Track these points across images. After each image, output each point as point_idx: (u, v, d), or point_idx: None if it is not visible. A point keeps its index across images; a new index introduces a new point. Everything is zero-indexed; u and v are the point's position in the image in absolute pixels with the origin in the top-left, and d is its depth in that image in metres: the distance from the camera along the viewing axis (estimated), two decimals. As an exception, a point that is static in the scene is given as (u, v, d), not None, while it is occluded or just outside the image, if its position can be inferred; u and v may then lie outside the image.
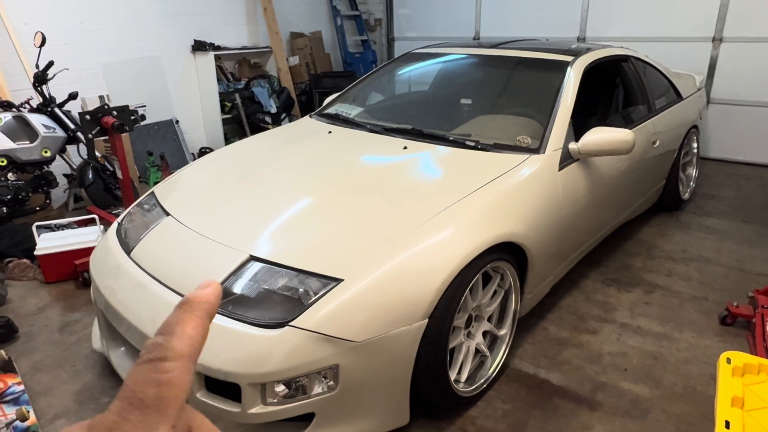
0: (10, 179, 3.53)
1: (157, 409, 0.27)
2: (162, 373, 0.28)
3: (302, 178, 2.33)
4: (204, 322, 0.32)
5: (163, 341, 0.29)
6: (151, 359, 0.28)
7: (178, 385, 0.28)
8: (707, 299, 2.85)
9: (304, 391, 1.63)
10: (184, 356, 0.29)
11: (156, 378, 0.27)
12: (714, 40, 5.13)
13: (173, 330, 0.30)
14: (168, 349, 0.29)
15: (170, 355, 0.29)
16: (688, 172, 4.15)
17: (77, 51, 4.48)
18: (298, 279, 1.73)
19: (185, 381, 0.28)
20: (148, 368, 0.28)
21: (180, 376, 0.28)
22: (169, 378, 0.28)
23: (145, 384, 0.27)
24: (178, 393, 0.28)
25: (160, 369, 0.28)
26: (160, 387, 0.27)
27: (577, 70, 2.80)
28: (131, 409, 0.26)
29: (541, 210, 2.24)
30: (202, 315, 0.32)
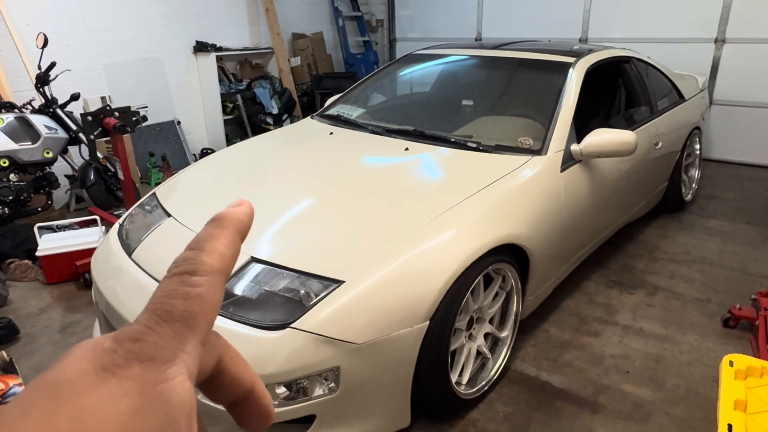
0: (12, 180, 3.54)
1: (186, 323, 0.25)
2: (191, 287, 0.26)
3: (304, 180, 2.33)
4: (235, 239, 0.30)
5: (192, 255, 0.28)
6: (181, 272, 0.27)
7: (208, 300, 0.26)
8: (710, 301, 2.84)
9: (305, 393, 1.62)
10: (214, 271, 0.27)
11: (185, 291, 0.26)
12: (717, 41, 5.12)
13: (203, 245, 0.28)
14: (198, 263, 0.27)
15: (200, 269, 0.27)
16: (691, 174, 4.14)
17: (79, 52, 4.49)
18: (300, 280, 1.72)
19: (215, 297, 0.27)
20: (178, 281, 0.26)
21: (210, 291, 0.27)
22: (199, 292, 0.26)
23: (174, 296, 0.26)
24: (209, 309, 0.26)
25: (190, 282, 0.26)
26: (190, 300, 0.26)
27: (579, 72, 2.79)
28: (159, 321, 0.25)
29: (542, 212, 2.23)
30: (234, 232, 0.30)
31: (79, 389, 0.22)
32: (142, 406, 0.22)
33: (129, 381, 0.23)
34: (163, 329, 0.25)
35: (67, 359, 0.24)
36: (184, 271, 0.27)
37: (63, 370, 0.23)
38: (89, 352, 0.24)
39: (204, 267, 0.27)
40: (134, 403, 0.22)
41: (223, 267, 0.28)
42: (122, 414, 0.22)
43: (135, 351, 0.24)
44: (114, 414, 0.22)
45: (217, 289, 0.27)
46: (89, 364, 0.23)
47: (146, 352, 0.24)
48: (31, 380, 1.94)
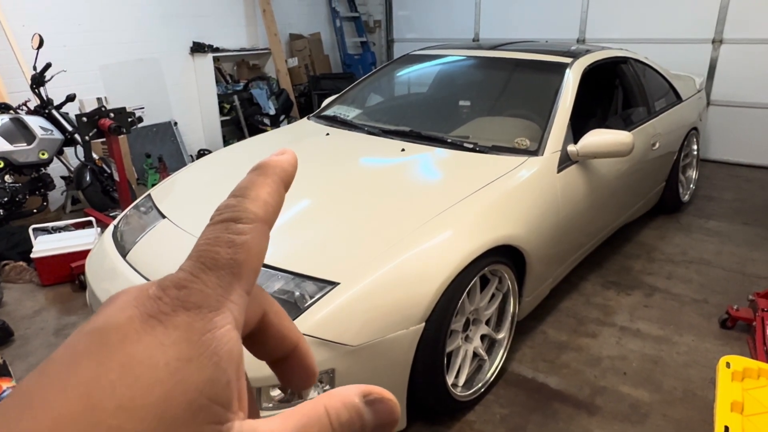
0: (7, 181, 3.52)
1: (231, 271, 0.24)
2: (236, 234, 0.25)
3: (299, 181, 2.31)
4: (279, 187, 0.29)
5: (236, 202, 0.27)
6: (225, 219, 0.26)
7: (254, 248, 0.25)
8: (707, 302, 2.83)
9: (300, 396, 1.61)
10: (258, 219, 0.26)
11: (230, 238, 0.25)
12: (714, 42, 5.12)
13: (247, 193, 0.27)
14: (242, 209, 0.26)
15: (245, 216, 0.26)
16: (688, 174, 4.14)
17: (76, 53, 4.47)
18: (294, 282, 1.71)
19: (261, 246, 0.26)
20: (222, 228, 0.25)
21: (255, 239, 0.26)
22: (244, 240, 0.25)
23: (219, 243, 0.25)
24: (254, 258, 0.25)
25: (234, 230, 0.25)
26: (235, 248, 0.25)
27: (576, 72, 2.79)
28: (204, 269, 0.24)
29: (539, 212, 2.22)
30: (277, 180, 0.29)
31: (127, 336, 0.22)
32: (192, 354, 0.22)
33: (176, 329, 0.22)
34: (208, 277, 0.24)
35: (113, 306, 0.23)
36: (229, 218, 0.26)
37: (110, 316, 0.23)
38: (135, 300, 0.23)
39: (248, 214, 0.26)
40: (183, 352, 0.22)
41: (267, 215, 0.27)
42: (172, 362, 0.21)
43: (181, 298, 0.23)
44: (164, 362, 0.21)
45: (262, 238, 0.26)
46: (135, 310, 0.23)
47: (192, 300, 0.23)
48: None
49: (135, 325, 0.22)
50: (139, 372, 0.21)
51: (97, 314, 0.23)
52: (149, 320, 0.22)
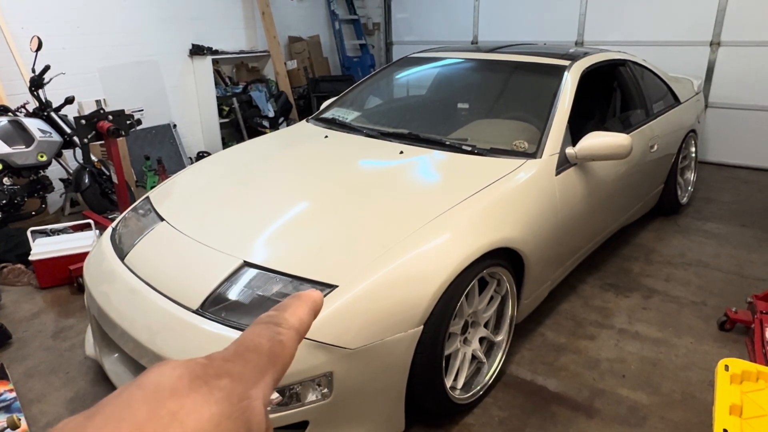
0: (5, 184, 3.52)
1: (270, 359, 0.29)
2: (277, 333, 0.31)
3: (298, 183, 2.32)
4: (311, 312, 0.34)
5: (277, 314, 0.33)
6: (268, 322, 0.32)
7: (288, 349, 0.30)
8: (706, 304, 2.83)
9: (298, 399, 1.61)
10: (294, 328, 0.32)
11: (272, 333, 0.30)
12: (712, 44, 5.13)
13: (286, 309, 0.33)
14: (283, 319, 0.32)
15: (284, 323, 0.32)
16: (687, 177, 4.15)
17: (74, 55, 4.47)
18: (293, 285, 1.71)
19: (293, 349, 0.31)
20: (265, 327, 0.31)
21: (290, 341, 0.31)
22: (282, 339, 0.30)
23: (263, 336, 0.30)
24: (287, 356, 0.30)
25: (275, 330, 0.31)
26: (275, 343, 0.30)
27: (575, 75, 2.79)
28: (248, 351, 0.28)
29: (537, 215, 2.23)
30: (311, 305, 0.35)
31: (177, 390, 0.25)
32: (231, 413, 0.25)
33: (220, 391, 0.26)
34: (251, 358, 0.28)
35: (163, 366, 0.26)
36: (271, 321, 0.32)
37: (161, 374, 0.26)
38: (184, 363, 0.27)
39: (287, 322, 0.32)
40: (225, 409, 0.25)
41: (300, 327, 0.33)
42: (215, 416, 0.25)
43: (226, 368, 0.27)
44: (208, 415, 0.25)
45: (294, 343, 0.32)
46: (185, 371, 0.26)
47: (235, 371, 0.27)
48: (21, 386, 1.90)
49: (184, 382, 0.25)
50: (187, 421, 0.24)
51: (147, 372, 0.26)
52: (197, 380, 0.26)
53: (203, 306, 1.71)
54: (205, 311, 1.70)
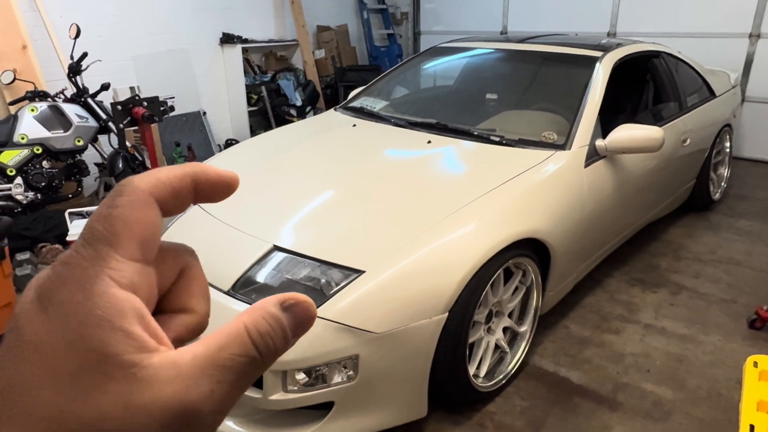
0: (44, 167, 3.65)
1: (108, 243, 0.26)
2: (112, 208, 0.27)
3: (326, 171, 2.35)
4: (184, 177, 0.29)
5: (125, 180, 0.28)
6: (108, 196, 0.28)
7: (130, 218, 0.27)
8: (736, 302, 2.78)
9: (324, 380, 1.65)
10: (139, 191, 0.27)
11: (105, 212, 0.27)
12: (751, 36, 4.97)
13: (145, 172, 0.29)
14: (125, 184, 0.28)
15: (125, 189, 0.27)
16: (720, 172, 4.05)
17: (110, 43, 4.59)
18: (321, 269, 1.75)
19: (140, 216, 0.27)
20: (104, 203, 0.27)
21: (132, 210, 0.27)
22: (119, 212, 0.26)
23: (97, 219, 0.27)
24: (133, 227, 0.27)
25: (112, 203, 0.27)
26: (109, 221, 0.26)
27: (606, 66, 2.75)
28: (84, 244, 0.26)
29: (565, 207, 2.22)
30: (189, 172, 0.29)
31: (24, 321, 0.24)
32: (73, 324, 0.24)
33: (61, 306, 0.24)
34: (87, 250, 0.26)
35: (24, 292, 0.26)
36: (111, 193, 0.28)
37: (22, 300, 0.25)
38: (34, 282, 0.26)
39: (130, 188, 0.27)
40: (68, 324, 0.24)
41: (152, 188, 0.28)
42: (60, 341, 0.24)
43: (63, 276, 0.25)
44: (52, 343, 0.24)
45: (142, 208, 0.27)
46: (34, 293, 0.25)
47: (73, 276, 0.25)
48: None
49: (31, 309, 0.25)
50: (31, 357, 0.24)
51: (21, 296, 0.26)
52: (42, 299, 0.25)
53: (234, 287, 1.76)
54: (236, 292, 1.75)
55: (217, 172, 0.31)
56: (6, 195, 3.51)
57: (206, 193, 0.30)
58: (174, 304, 0.31)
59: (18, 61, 3.89)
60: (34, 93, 3.73)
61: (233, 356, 0.25)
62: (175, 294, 0.32)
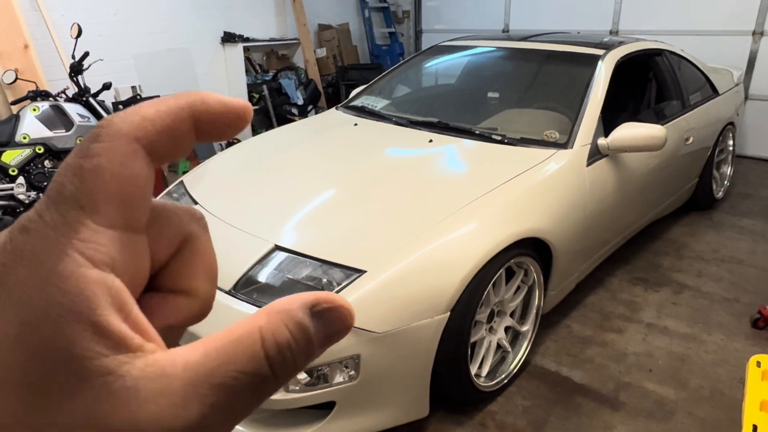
0: (46, 167, 3.65)
1: (78, 204, 0.20)
2: (85, 158, 0.20)
3: (328, 170, 2.35)
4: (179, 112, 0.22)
5: (102, 120, 0.21)
6: (81, 143, 0.21)
7: (108, 172, 0.20)
8: (738, 301, 2.77)
9: (325, 380, 1.65)
10: (122, 135, 0.21)
11: (77, 163, 0.20)
12: (754, 34, 4.95)
13: (128, 109, 0.22)
14: (104, 125, 0.21)
15: (103, 133, 0.21)
16: (723, 171, 4.03)
17: (111, 42, 4.59)
18: (322, 269, 1.75)
19: (123, 168, 0.20)
20: (75, 152, 0.21)
21: (112, 160, 0.20)
22: (95, 163, 0.20)
23: (63, 174, 0.20)
24: (112, 183, 0.20)
25: (86, 152, 0.20)
26: (82, 174, 0.20)
27: (609, 64, 2.74)
28: (49, 204, 0.20)
29: (567, 206, 2.21)
30: (184, 106, 0.22)
31: None
32: (33, 317, 0.18)
33: (13, 290, 0.19)
34: (51, 214, 0.20)
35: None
36: (86, 138, 0.21)
37: None
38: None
39: (108, 131, 0.21)
40: (21, 318, 0.18)
41: (139, 132, 0.21)
42: (10, 337, 0.18)
43: (20, 247, 0.19)
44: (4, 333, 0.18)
45: (125, 157, 0.21)
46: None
47: (30, 249, 0.19)
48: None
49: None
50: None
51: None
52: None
53: (235, 287, 1.76)
54: (237, 292, 1.75)
55: (219, 99, 0.23)
56: (8, 195, 3.52)
57: (210, 129, 0.23)
58: (170, 282, 0.25)
59: (19, 60, 3.89)
60: (35, 93, 3.73)
61: (238, 373, 0.19)
62: (172, 270, 0.25)
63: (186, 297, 0.25)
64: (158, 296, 0.25)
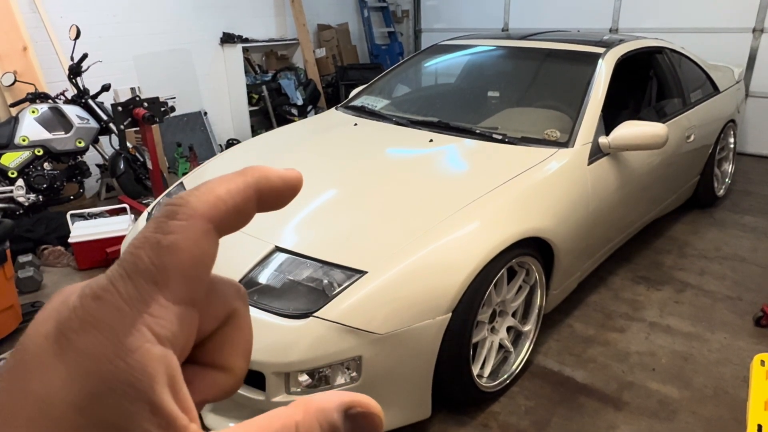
0: (45, 169, 3.65)
1: (153, 279, 0.20)
2: (163, 234, 0.21)
3: (328, 170, 2.34)
4: (247, 190, 0.23)
5: (179, 198, 0.22)
6: (158, 218, 0.22)
7: (185, 250, 0.21)
8: (741, 299, 2.76)
9: (327, 382, 1.64)
10: (198, 215, 0.22)
11: (156, 239, 0.21)
12: (755, 31, 4.94)
13: (201, 187, 0.23)
14: (180, 204, 0.22)
15: (181, 212, 0.21)
16: (724, 168, 4.02)
17: (110, 44, 4.58)
18: (323, 270, 1.74)
19: (196, 247, 0.21)
20: (152, 226, 0.21)
21: (188, 239, 0.21)
22: (172, 240, 0.21)
23: (143, 245, 0.21)
24: (186, 261, 0.21)
25: (164, 229, 0.21)
26: (158, 250, 0.21)
27: (609, 63, 2.73)
28: (124, 276, 0.20)
29: (568, 205, 2.20)
30: (250, 183, 0.23)
31: (33, 360, 0.19)
32: (98, 389, 0.19)
33: (83, 356, 0.19)
34: (126, 287, 0.20)
35: (42, 313, 0.21)
36: (163, 214, 0.22)
37: (33, 328, 0.20)
38: (57, 309, 0.20)
39: (185, 210, 0.21)
40: (89, 386, 0.19)
41: (213, 212, 0.22)
42: (71, 403, 0.19)
43: (92, 314, 0.20)
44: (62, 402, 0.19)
45: (199, 237, 0.21)
46: (52, 325, 0.20)
47: (102, 318, 0.20)
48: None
49: (49, 345, 0.19)
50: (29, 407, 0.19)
51: (35, 319, 0.21)
52: (61, 340, 0.19)
53: (236, 289, 1.75)
54: (238, 294, 1.74)
55: (280, 175, 0.24)
56: (7, 197, 3.51)
57: (270, 203, 0.24)
58: (210, 356, 0.25)
59: (18, 62, 3.89)
60: (34, 95, 3.73)
61: None
62: (214, 345, 0.25)
63: (224, 373, 0.26)
64: (197, 370, 0.25)
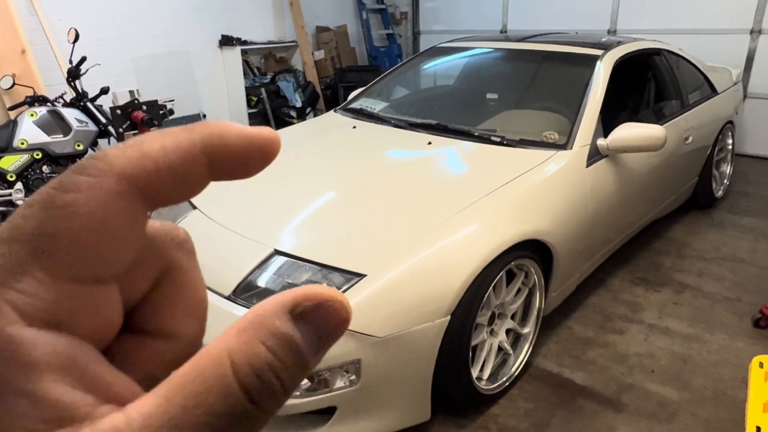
0: (44, 172, 3.64)
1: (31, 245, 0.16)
2: (62, 191, 0.17)
3: (326, 173, 2.34)
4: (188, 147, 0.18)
5: (98, 152, 0.18)
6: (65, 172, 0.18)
7: (84, 213, 0.17)
8: (740, 301, 2.76)
9: (326, 385, 1.64)
10: (111, 173, 0.17)
11: (49, 196, 0.17)
12: (752, 32, 4.95)
13: (130, 140, 0.18)
14: (95, 158, 0.18)
15: (92, 165, 0.17)
16: (723, 169, 4.03)
17: (109, 46, 4.58)
18: (322, 273, 1.74)
19: (102, 209, 0.17)
20: (53, 183, 0.17)
21: (92, 198, 0.17)
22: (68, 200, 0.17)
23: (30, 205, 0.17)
24: (83, 225, 0.17)
25: (64, 185, 0.17)
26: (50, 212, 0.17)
27: (607, 64, 2.73)
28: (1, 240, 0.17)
29: (567, 207, 2.20)
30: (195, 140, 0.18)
31: None
32: None
33: None
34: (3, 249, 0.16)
35: None
36: (72, 168, 0.17)
37: None
38: None
39: (98, 164, 0.17)
40: None
41: (134, 170, 0.17)
42: None
43: None
44: None
45: (108, 198, 0.17)
46: None
47: None
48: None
49: None
50: None
51: None
52: None
53: (235, 292, 1.75)
54: (237, 297, 1.74)
55: (241, 132, 0.20)
56: (6, 200, 3.51)
57: (228, 168, 0.20)
58: (147, 322, 0.21)
59: (17, 65, 3.89)
60: (33, 98, 3.73)
61: (209, 417, 0.15)
62: (150, 308, 0.21)
63: (166, 340, 0.21)
64: (137, 339, 0.20)
